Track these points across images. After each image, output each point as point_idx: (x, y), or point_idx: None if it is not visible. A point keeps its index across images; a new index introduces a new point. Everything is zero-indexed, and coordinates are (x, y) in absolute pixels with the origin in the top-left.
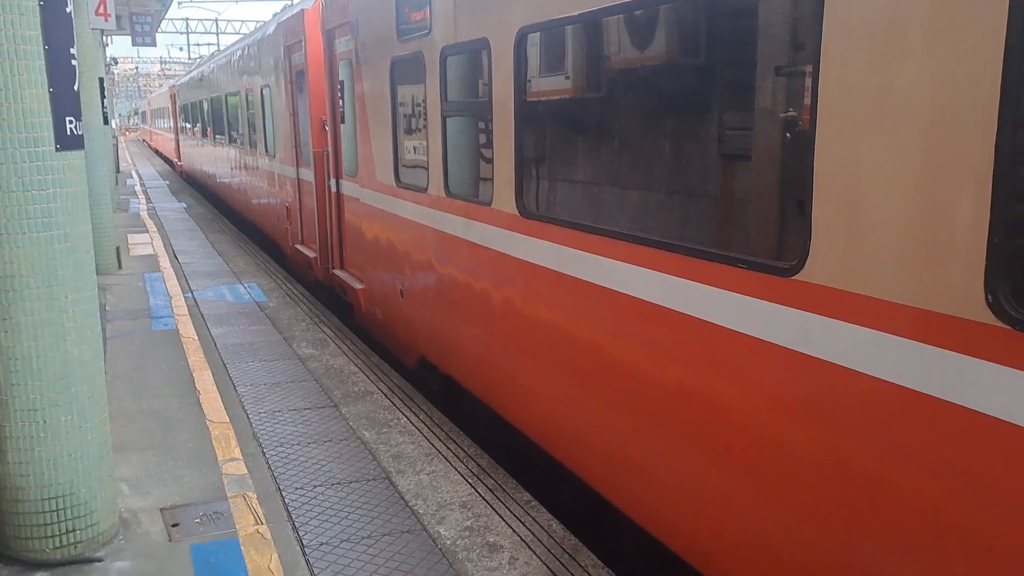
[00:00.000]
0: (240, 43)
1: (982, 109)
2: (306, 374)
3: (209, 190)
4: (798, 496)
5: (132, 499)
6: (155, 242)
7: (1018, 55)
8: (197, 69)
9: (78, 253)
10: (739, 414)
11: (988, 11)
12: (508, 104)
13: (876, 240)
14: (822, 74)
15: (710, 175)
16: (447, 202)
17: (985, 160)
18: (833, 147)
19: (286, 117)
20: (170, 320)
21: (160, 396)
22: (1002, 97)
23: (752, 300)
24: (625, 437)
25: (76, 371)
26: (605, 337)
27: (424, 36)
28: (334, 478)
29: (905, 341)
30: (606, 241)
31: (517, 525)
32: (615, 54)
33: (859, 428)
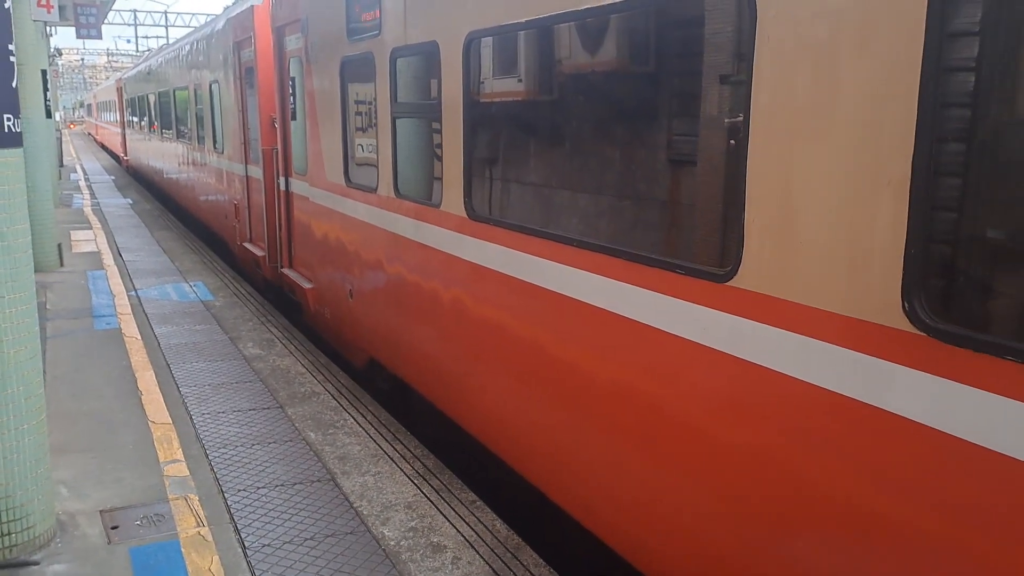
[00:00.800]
0: (189, 37)
1: (900, 124)
2: (252, 375)
3: (156, 186)
4: (727, 490)
5: (71, 502)
6: (99, 239)
7: (933, 74)
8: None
9: (15, 252)
10: (675, 413)
11: (906, 32)
12: (457, 107)
13: (804, 248)
14: (754, 84)
15: (649, 181)
16: (397, 203)
17: (902, 174)
18: (764, 156)
19: (235, 114)
20: (113, 319)
21: (101, 397)
22: (919, 113)
23: (689, 305)
24: (568, 436)
25: (12, 372)
26: (549, 338)
27: (374, 37)
28: (278, 480)
29: (829, 346)
30: (550, 244)
31: (461, 525)
32: (560, 60)
33: (785, 428)
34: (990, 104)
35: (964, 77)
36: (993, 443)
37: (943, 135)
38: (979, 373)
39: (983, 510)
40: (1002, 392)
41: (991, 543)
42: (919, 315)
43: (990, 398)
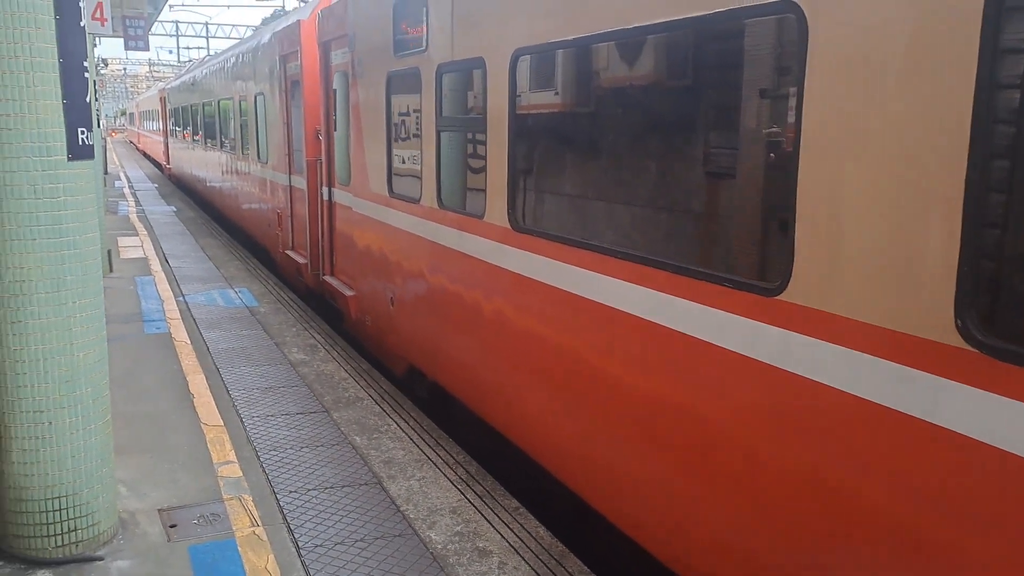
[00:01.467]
0: (234, 50)
1: (953, 140)
2: (297, 379)
3: (199, 194)
4: (775, 505)
5: (130, 500)
6: (145, 245)
7: (986, 90)
8: (188, 73)
9: (86, 260)
10: (721, 427)
11: (959, 48)
12: (502, 121)
13: (855, 263)
14: (806, 100)
15: (698, 195)
16: (440, 214)
17: (956, 192)
18: (815, 172)
19: (280, 125)
20: (163, 324)
21: (155, 399)
22: (972, 133)
23: (737, 318)
24: (612, 447)
25: (81, 374)
26: (593, 350)
27: (421, 53)
28: (327, 482)
29: (880, 361)
30: (596, 256)
31: (506, 531)
32: (606, 77)
33: (835, 442)
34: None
35: (1018, 93)
36: None
37: (996, 151)
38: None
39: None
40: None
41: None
42: (972, 332)
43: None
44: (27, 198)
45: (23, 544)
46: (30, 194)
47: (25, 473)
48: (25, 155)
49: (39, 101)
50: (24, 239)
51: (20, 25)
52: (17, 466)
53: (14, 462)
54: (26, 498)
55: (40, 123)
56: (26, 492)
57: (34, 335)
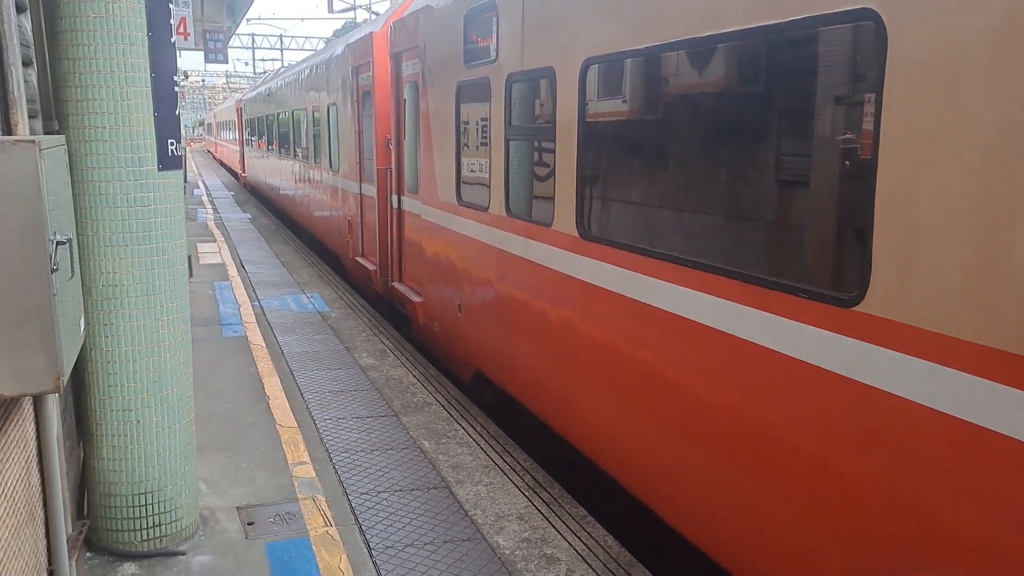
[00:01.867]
0: (307, 62)
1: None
2: (367, 383)
3: (272, 202)
4: (853, 521)
5: (210, 498)
6: (223, 251)
7: None
8: (264, 84)
9: (174, 265)
10: (794, 438)
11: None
12: (571, 130)
13: (935, 274)
14: (884, 109)
15: (774, 204)
16: (508, 222)
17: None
18: (894, 181)
19: (351, 135)
20: (239, 327)
21: (233, 400)
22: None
23: (813, 329)
24: (681, 457)
25: (168, 375)
26: (661, 359)
27: (490, 63)
28: (397, 485)
29: (961, 374)
30: (666, 265)
31: (573, 539)
32: (678, 85)
33: (913, 457)
34: None
35: None
36: None
37: None
38: None
39: None
40: None
41: None
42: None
43: None
44: (120, 206)
45: (111, 537)
46: (123, 203)
47: (114, 469)
48: (119, 165)
49: (132, 114)
50: (117, 245)
51: (116, 42)
52: (107, 462)
53: (104, 458)
54: (114, 493)
55: (133, 135)
56: (115, 487)
57: (125, 337)
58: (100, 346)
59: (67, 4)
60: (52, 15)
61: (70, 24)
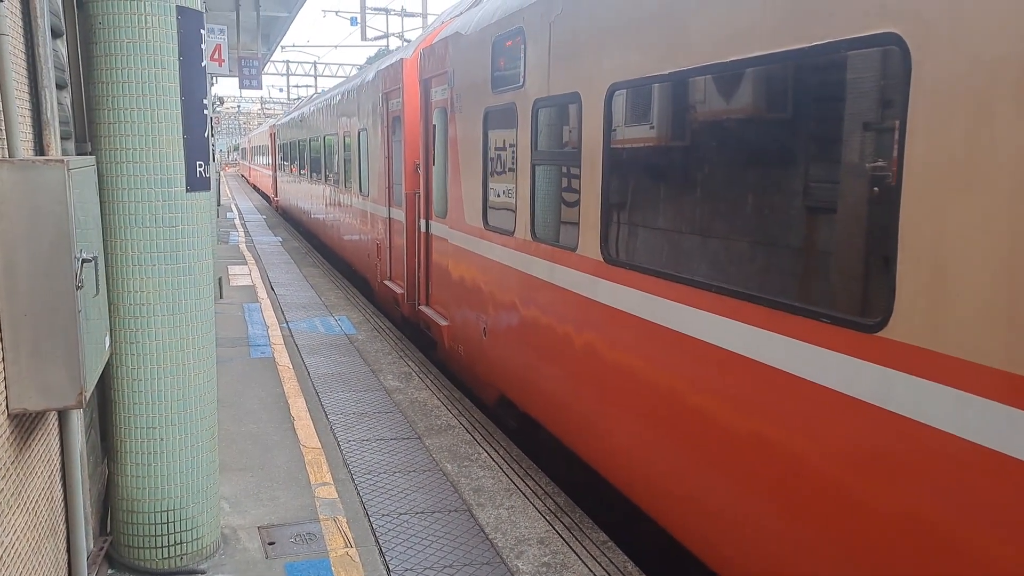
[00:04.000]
0: (339, 88)
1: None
2: (392, 406)
3: (303, 225)
4: (878, 550)
5: (232, 516)
6: (253, 273)
7: None
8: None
9: (200, 285)
10: (817, 466)
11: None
12: (596, 155)
13: (959, 300)
14: (908, 134)
15: (796, 229)
16: (533, 246)
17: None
18: (918, 206)
19: (381, 159)
20: (267, 348)
21: (258, 420)
22: None
23: (836, 354)
24: (704, 484)
25: (192, 394)
26: (684, 384)
27: (518, 89)
28: (418, 507)
29: (987, 401)
30: (689, 290)
31: (593, 565)
32: (701, 110)
33: (937, 485)
34: None
35: None
36: None
37: None
38: None
39: None
40: None
41: None
42: None
43: None
44: (149, 226)
45: (133, 554)
46: (152, 222)
47: (137, 486)
48: (148, 186)
49: (162, 136)
50: (144, 264)
51: (147, 66)
52: (131, 479)
53: (128, 475)
54: (137, 510)
55: (162, 156)
56: (137, 504)
57: (151, 355)
58: (126, 364)
59: (102, 30)
60: (88, 40)
61: (104, 49)
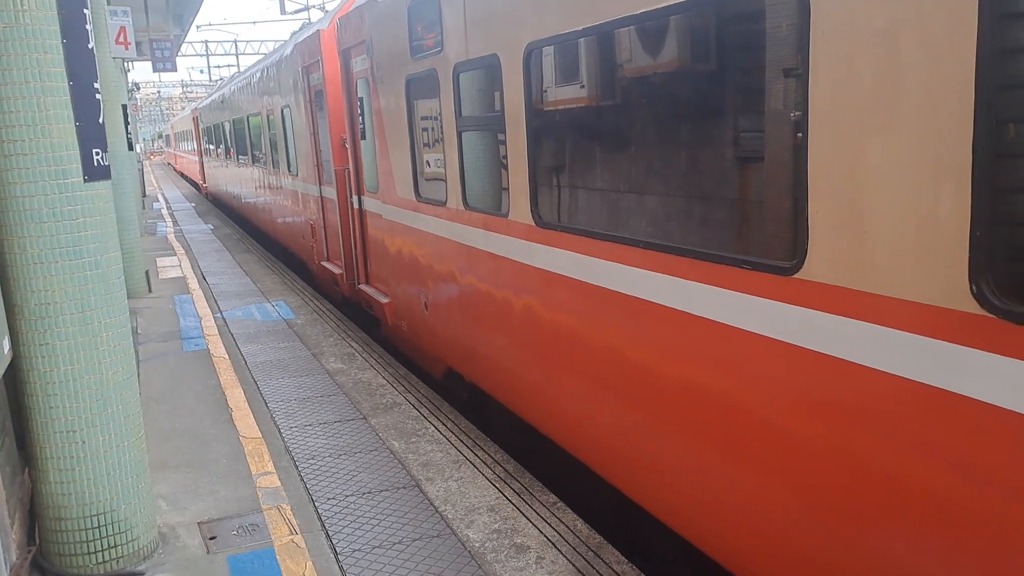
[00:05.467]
0: (258, 65)
1: (958, 109)
2: (335, 388)
3: (235, 211)
4: (802, 484)
5: (170, 515)
6: (183, 264)
7: (989, 61)
8: (218, 92)
9: (109, 279)
10: (747, 408)
11: (959, 16)
12: (519, 117)
13: (868, 237)
14: (811, 78)
15: (711, 180)
16: (466, 215)
17: (964, 159)
18: (825, 149)
19: (307, 136)
20: (201, 341)
21: (194, 415)
22: (976, 99)
23: (757, 299)
24: (643, 435)
25: (112, 393)
26: (620, 340)
27: (437, 54)
28: (365, 488)
29: (899, 333)
30: (618, 247)
31: (543, 526)
32: (618, 65)
33: (858, 416)
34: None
35: (1020, 58)
36: None
37: (1002, 118)
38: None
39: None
40: None
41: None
42: (987, 297)
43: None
44: (47, 221)
45: (65, 562)
46: (49, 217)
47: (62, 492)
48: (41, 179)
49: (52, 125)
50: (46, 262)
51: (29, 51)
52: (54, 486)
53: (51, 482)
54: (65, 516)
55: (54, 146)
56: (64, 511)
57: (62, 356)
58: (37, 367)
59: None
60: None
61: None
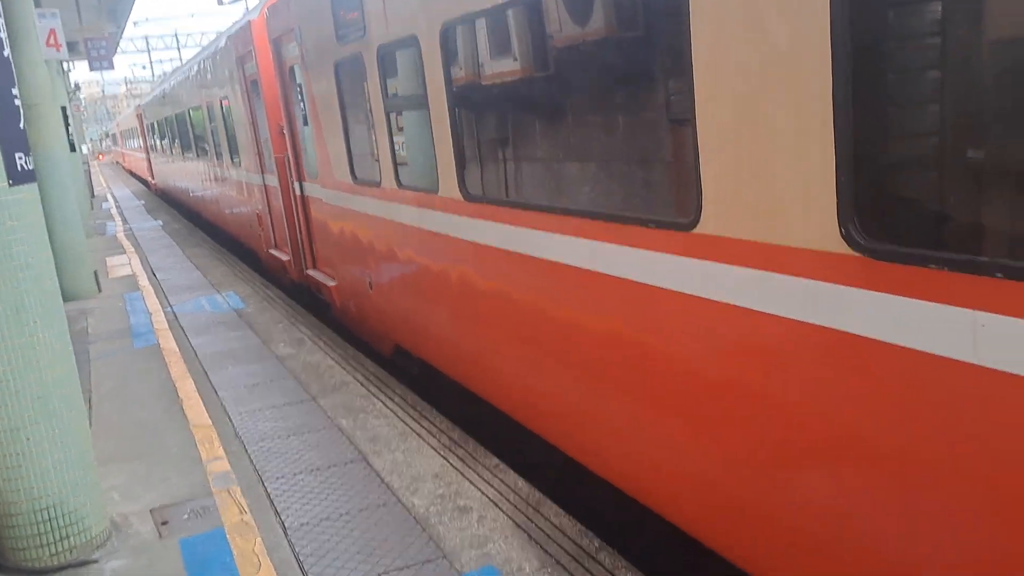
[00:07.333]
0: (196, 58)
1: (818, 60)
2: (285, 373)
3: (184, 205)
4: (704, 419)
5: (123, 504)
6: (133, 262)
7: (841, 21)
8: (159, 87)
9: (42, 280)
10: (663, 358)
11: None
12: (441, 96)
13: (748, 190)
14: (694, 40)
15: (615, 146)
16: (400, 194)
17: (826, 113)
18: (708, 110)
19: (247, 126)
20: (151, 336)
21: (145, 408)
22: (833, 52)
23: (663, 255)
24: (574, 392)
25: (52, 390)
26: (547, 304)
27: (361, 38)
28: (313, 465)
29: (782, 277)
30: (537, 215)
31: (486, 487)
32: (523, 41)
33: (756, 360)
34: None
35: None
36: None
37: (858, 67)
38: (909, 284)
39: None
40: (930, 298)
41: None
42: (855, 238)
43: (919, 304)
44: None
45: (20, 556)
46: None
47: (11, 489)
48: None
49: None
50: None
51: None
52: (3, 483)
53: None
54: (15, 512)
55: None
56: (14, 506)
57: (1, 358)
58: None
59: None
60: None
61: None
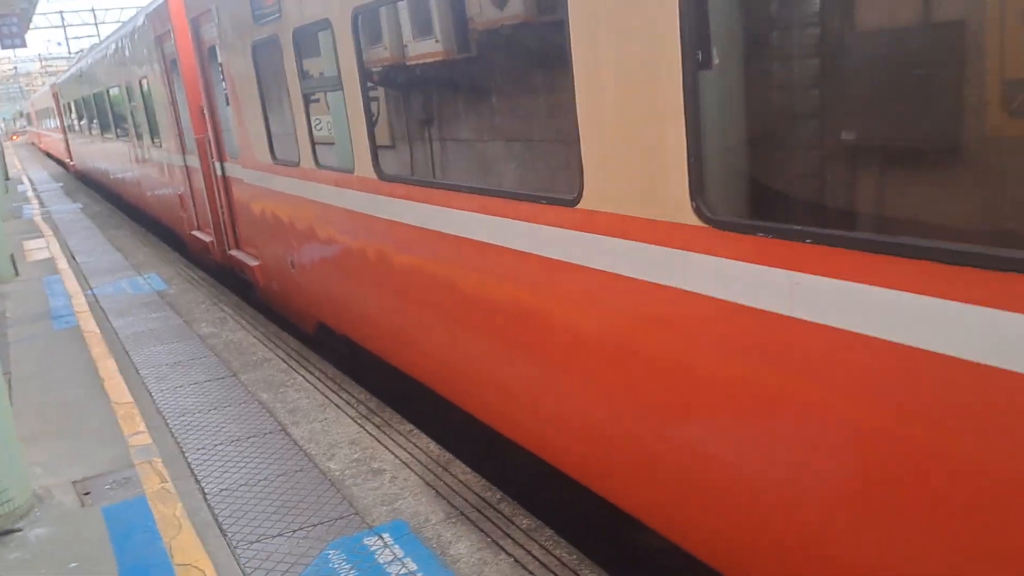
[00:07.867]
0: (113, 36)
1: (671, 66)
2: (207, 351)
3: (105, 187)
4: (587, 372)
5: (45, 478)
6: (51, 245)
7: (689, 19)
8: (76, 65)
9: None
10: (557, 324)
11: None
12: (354, 77)
13: (618, 170)
14: (572, 38)
15: (512, 129)
16: (319, 174)
17: (678, 106)
18: (585, 96)
19: (167, 106)
20: (71, 318)
21: (67, 388)
22: (682, 53)
23: (553, 229)
24: (481, 356)
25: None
26: (456, 276)
27: (277, 20)
28: (233, 436)
29: (650, 247)
30: (444, 193)
31: (399, 451)
32: (430, 24)
33: (624, 315)
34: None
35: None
36: (763, 303)
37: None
38: (751, 251)
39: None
40: (768, 263)
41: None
42: (703, 211)
43: (761, 269)
44: None
45: None
46: None
47: None
48: None
49: None
50: None
51: None
52: None
53: None
54: None
55: None
56: None
57: None
58: None
59: None
60: None
61: None
